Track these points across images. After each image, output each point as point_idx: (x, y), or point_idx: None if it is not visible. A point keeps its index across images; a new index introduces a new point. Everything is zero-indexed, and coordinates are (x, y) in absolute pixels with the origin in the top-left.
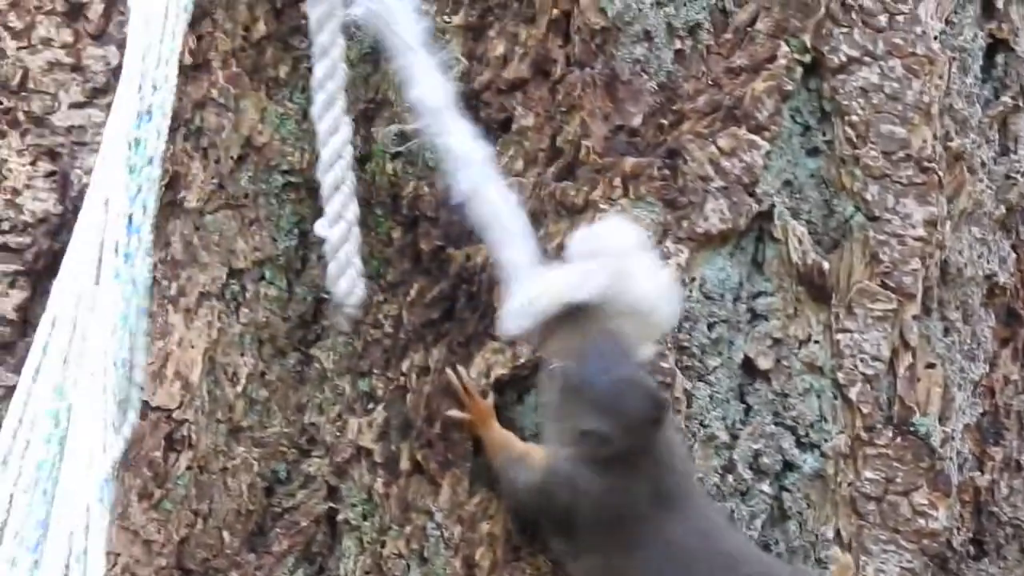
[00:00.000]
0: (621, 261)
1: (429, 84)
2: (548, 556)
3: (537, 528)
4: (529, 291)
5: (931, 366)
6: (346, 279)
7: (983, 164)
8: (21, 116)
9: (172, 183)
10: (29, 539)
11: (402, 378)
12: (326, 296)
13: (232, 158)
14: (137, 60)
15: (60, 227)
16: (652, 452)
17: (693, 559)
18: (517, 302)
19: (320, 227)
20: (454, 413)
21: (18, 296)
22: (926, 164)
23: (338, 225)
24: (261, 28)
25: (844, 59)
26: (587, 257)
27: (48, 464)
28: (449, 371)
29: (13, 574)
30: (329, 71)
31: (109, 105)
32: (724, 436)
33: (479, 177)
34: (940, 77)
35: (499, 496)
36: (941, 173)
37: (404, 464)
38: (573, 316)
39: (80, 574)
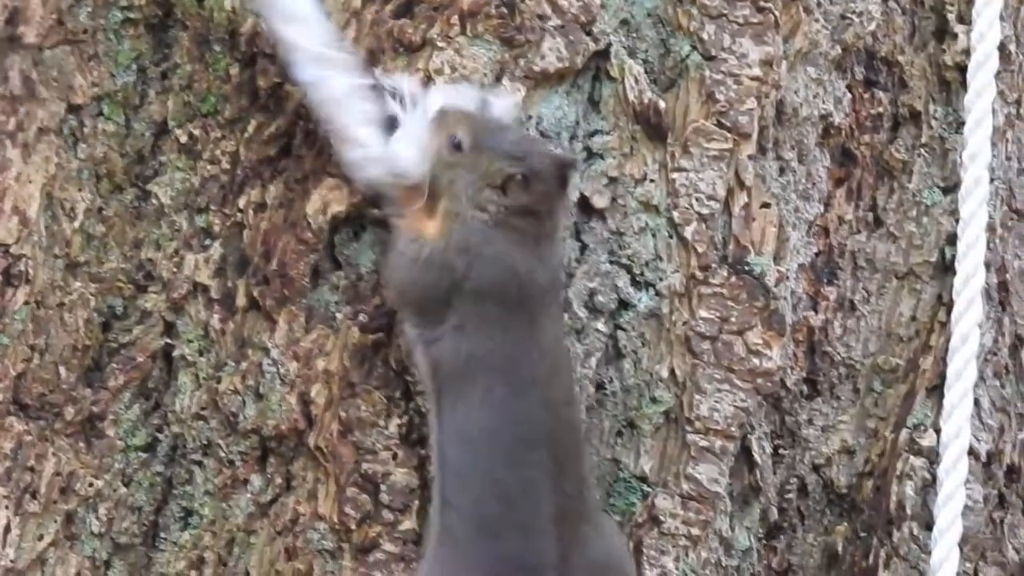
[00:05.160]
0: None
1: None
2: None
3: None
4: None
5: (766, 206)
6: None
7: (819, 4)
8: None
9: (11, 18)
10: None
11: (239, 214)
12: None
13: None
14: None
15: None
16: (555, 224)
17: (563, 365)
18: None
19: None
20: None
21: None
22: (762, 4)
23: None
24: None
25: None
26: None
27: None
28: None
29: None
30: None
31: None
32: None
33: None
34: None
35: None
36: (777, 13)
37: (240, 300)
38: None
39: None
